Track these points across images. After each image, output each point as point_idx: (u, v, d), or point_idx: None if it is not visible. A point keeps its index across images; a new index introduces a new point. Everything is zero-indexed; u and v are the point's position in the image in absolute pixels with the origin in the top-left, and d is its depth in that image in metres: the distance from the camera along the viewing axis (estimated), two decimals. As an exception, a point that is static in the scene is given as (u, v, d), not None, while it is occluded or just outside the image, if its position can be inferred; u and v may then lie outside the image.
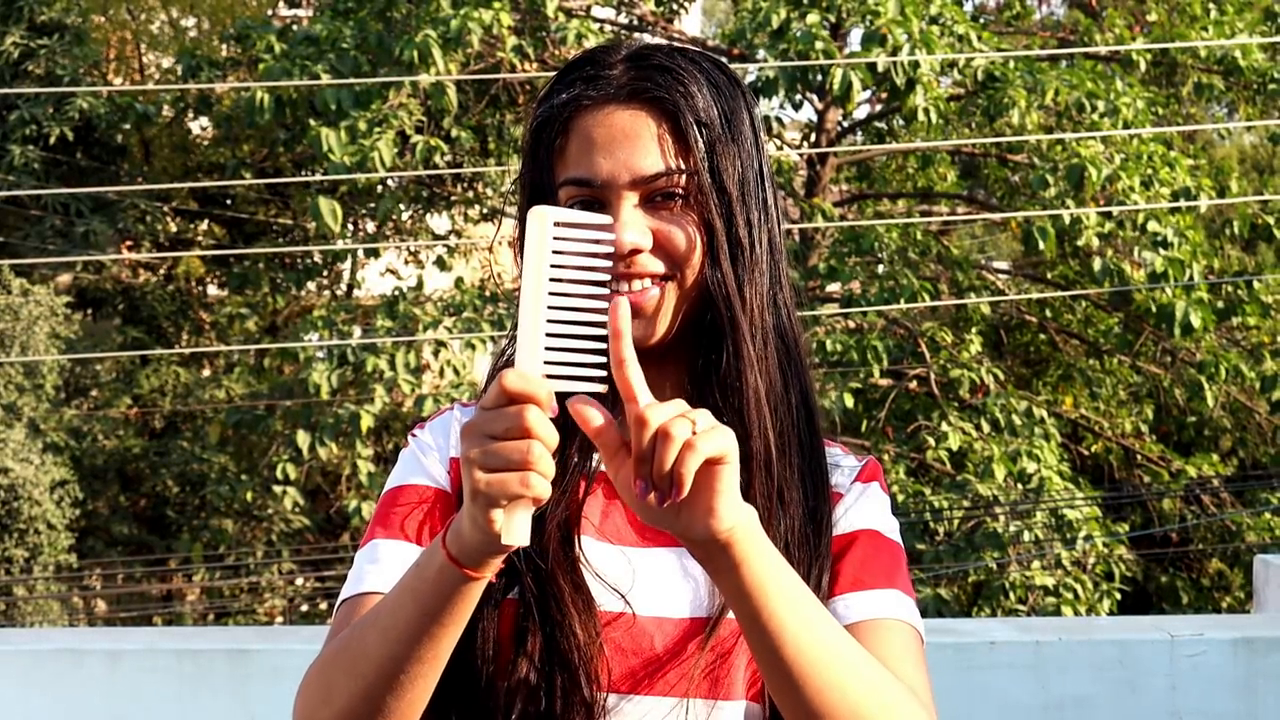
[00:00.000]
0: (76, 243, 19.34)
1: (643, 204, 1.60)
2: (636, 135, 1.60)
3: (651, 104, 1.60)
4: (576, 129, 1.62)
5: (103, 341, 18.95)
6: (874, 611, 1.60)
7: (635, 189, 1.60)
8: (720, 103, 1.63)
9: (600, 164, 1.60)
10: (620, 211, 1.59)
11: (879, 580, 1.63)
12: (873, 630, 1.58)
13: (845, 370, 15.11)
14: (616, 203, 1.59)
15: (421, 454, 1.74)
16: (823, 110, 16.97)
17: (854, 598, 1.61)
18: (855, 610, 1.60)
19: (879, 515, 1.69)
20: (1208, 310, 15.20)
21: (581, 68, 1.64)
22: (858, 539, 1.66)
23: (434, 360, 14.95)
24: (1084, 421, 17.58)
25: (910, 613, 1.63)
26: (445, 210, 18.91)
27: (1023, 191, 16.45)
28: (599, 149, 1.60)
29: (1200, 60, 17.03)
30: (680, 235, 1.60)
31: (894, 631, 1.59)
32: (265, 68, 15.60)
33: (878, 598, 1.62)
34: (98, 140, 20.15)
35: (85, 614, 17.63)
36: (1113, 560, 14.69)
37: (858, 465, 1.73)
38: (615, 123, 1.60)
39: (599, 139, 1.60)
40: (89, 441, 18.26)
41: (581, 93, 1.61)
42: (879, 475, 1.74)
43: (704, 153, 1.60)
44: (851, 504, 1.69)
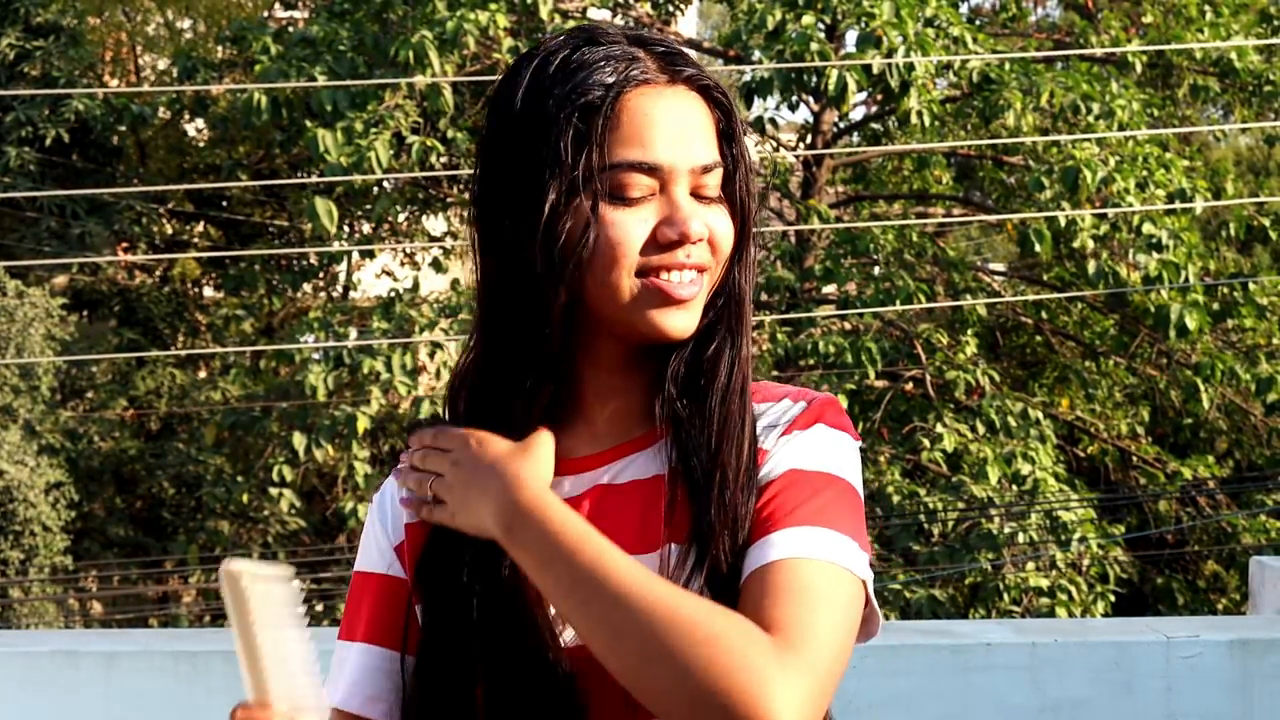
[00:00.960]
0: (72, 244, 19.32)
1: (692, 190, 1.57)
2: (695, 121, 1.56)
3: (703, 91, 1.58)
4: (629, 109, 1.54)
5: (98, 343, 18.93)
6: (780, 553, 1.49)
7: (692, 177, 1.55)
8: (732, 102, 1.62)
9: (662, 147, 1.54)
10: (679, 198, 1.55)
11: (790, 517, 1.52)
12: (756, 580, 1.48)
13: (840, 372, 15.12)
14: (673, 188, 1.55)
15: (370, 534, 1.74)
16: (818, 112, 16.97)
17: (764, 542, 1.51)
18: (761, 554, 1.50)
19: (798, 454, 1.57)
20: (1203, 312, 15.21)
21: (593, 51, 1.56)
22: (773, 484, 1.55)
23: (430, 362, 14.97)
24: (1080, 423, 17.58)
25: (828, 547, 1.49)
26: (441, 212, 18.91)
27: (1018, 193, 16.47)
28: (660, 131, 1.54)
29: (1196, 62, 17.05)
30: (723, 229, 1.57)
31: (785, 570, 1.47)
32: (261, 69, 15.60)
33: (786, 537, 1.50)
34: (93, 142, 20.13)
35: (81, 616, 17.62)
36: (1108, 562, 14.69)
37: (794, 413, 1.62)
38: (676, 105, 1.56)
39: (659, 122, 1.54)
40: (85, 443, 18.24)
41: (628, 72, 1.54)
42: (823, 415, 1.61)
43: (736, 141, 1.59)
44: (774, 453, 1.58)
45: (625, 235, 1.53)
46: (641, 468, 1.61)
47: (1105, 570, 14.61)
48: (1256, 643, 3.91)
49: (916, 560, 14.41)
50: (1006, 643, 3.87)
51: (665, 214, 1.54)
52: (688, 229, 1.53)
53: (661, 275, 1.54)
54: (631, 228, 1.54)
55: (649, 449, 1.61)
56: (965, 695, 3.78)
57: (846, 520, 1.53)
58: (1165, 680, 3.79)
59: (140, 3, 21.79)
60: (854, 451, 1.62)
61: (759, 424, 1.60)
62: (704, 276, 1.56)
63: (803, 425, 1.60)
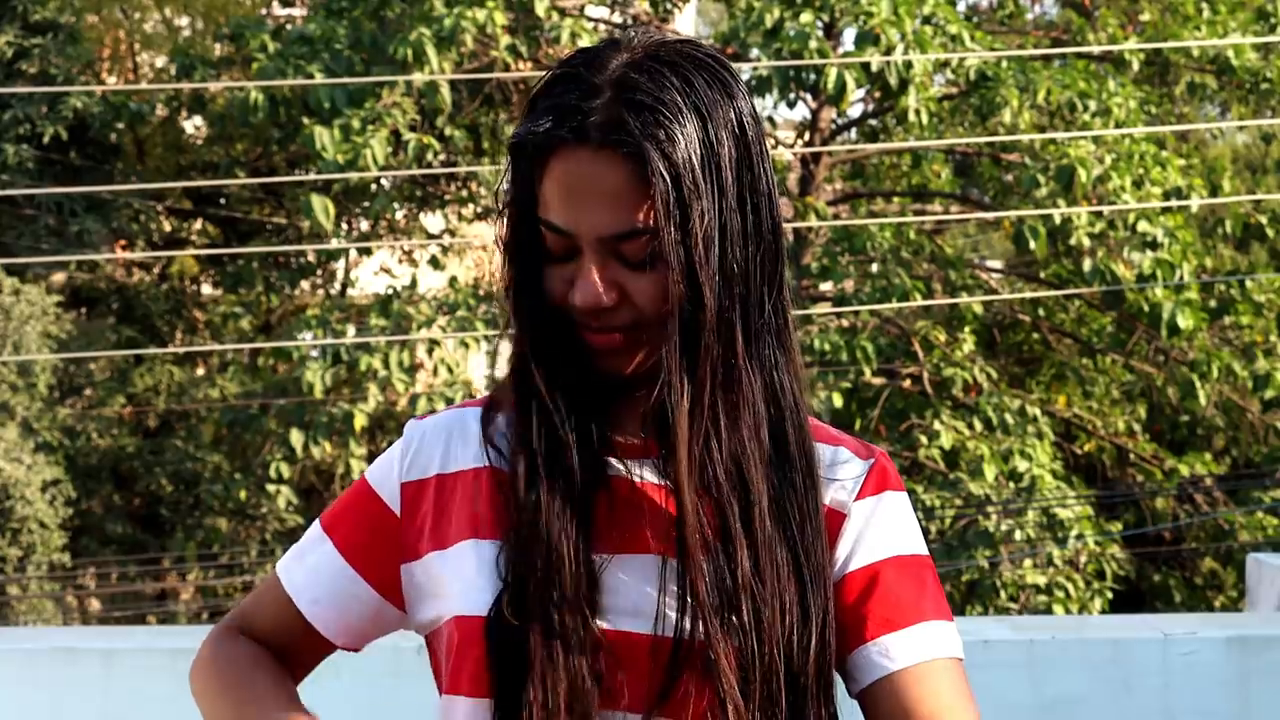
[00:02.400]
0: (70, 242, 19.31)
1: (613, 257, 1.52)
2: (602, 189, 1.50)
3: (624, 155, 1.49)
4: (551, 172, 1.52)
5: (96, 340, 18.92)
6: (916, 655, 1.54)
7: (604, 244, 1.51)
8: (706, 134, 1.52)
9: (569, 215, 1.51)
10: (584, 265, 1.52)
11: (912, 614, 1.57)
12: (918, 679, 1.54)
13: (837, 370, 15.13)
14: (585, 254, 1.52)
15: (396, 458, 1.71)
16: (816, 109, 16.98)
17: (890, 640, 1.56)
18: (895, 657, 1.55)
19: (898, 533, 1.62)
20: (1196, 310, 15.22)
21: (565, 86, 1.54)
22: (880, 572, 1.59)
23: (428, 359, 14.97)
24: (1077, 420, 17.59)
25: (950, 640, 1.58)
26: (439, 209, 18.91)
27: (1015, 191, 16.47)
28: (569, 199, 1.51)
29: (1193, 60, 17.05)
30: (645, 292, 1.52)
31: (940, 675, 1.55)
32: (259, 67, 15.60)
33: (915, 636, 1.56)
34: (91, 139, 20.12)
35: (79, 613, 17.62)
36: (1105, 559, 14.71)
37: (862, 471, 1.63)
38: (585, 173, 1.50)
39: (569, 188, 1.51)
40: (83, 441, 18.24)
41: (555, 132, 1.51)
42: (889, 475, 1.65)
43: (674, 207, 1.49)
44: (862, 528, 1.60)
45: (551, 289, 1.55)
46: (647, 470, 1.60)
47: (1102, 567, 14.63)
48: (1254, 639, 3.91)
49: (914, 557, 14.42)
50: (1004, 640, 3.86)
51: (575, 276, 1.53)
52: (579, 299, 1.52)
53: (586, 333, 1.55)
54: (554, 283, 1.55)
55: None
56: (963, 692, 3.78)
57: (944, 602, 1.62)
58: (1163, 677, 3.79)
59: (138, 1, 21.78)
60: (912, 513, 1.67)
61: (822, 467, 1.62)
62: (634, 332, 1.54)
63: (876, 490, 1.64)
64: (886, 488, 1.63)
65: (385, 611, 1.70)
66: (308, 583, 1.71)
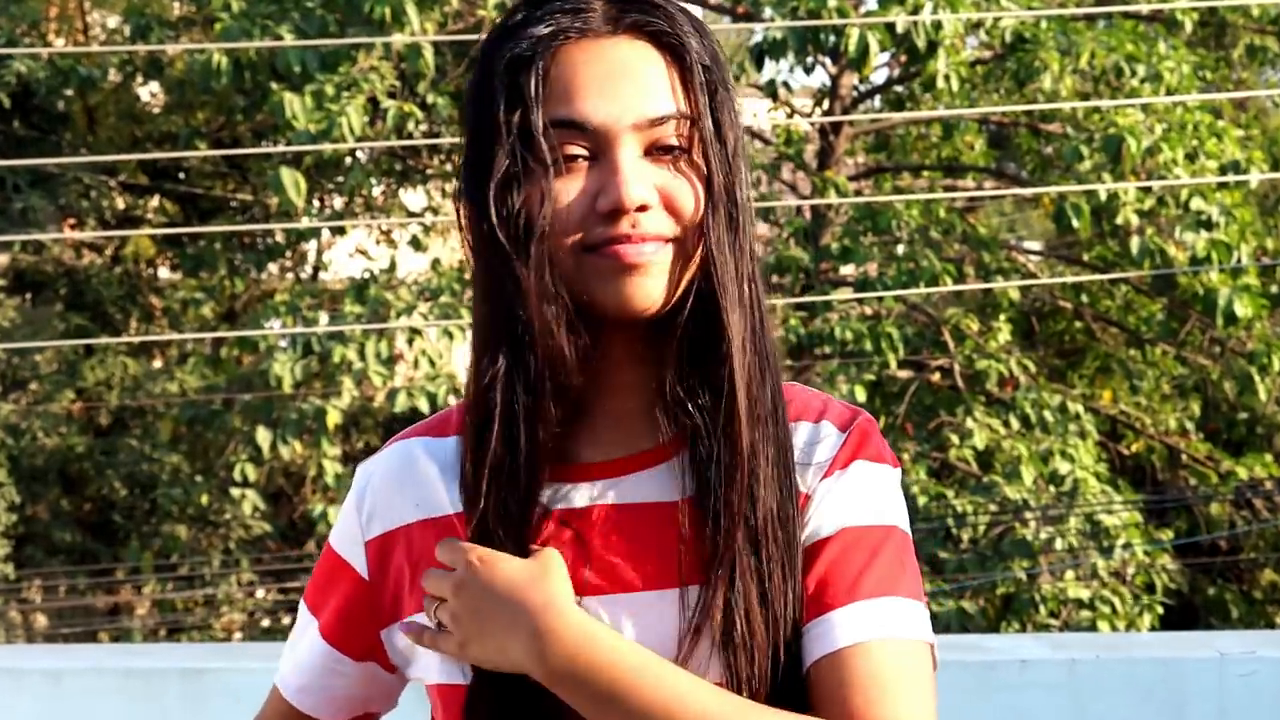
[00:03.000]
0: (14, 220, 19.33)
1: (644, 152, 1.52)
2: (640, 71, 1.52)
3: (653, 38, 1.53)
4: (562, 64, 1.52)
5: (43, 329, 18.94)
6: (855, 635, 1.50)
7: (639, 134, 1.51)
8: (711, 48, 1.56)
9: (597, 104, 1.51)
10: (620, 161, 1.51)
11: (855, 590, 1.53)
12: (835, 667, 1.50)
13: (859, 360, 15.13)
14: (614, 150, 1.51)
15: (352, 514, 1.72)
16: (836, 75, 16.98)
17: (827, 621, 1.52)
18: (828, 638, 1.51)
19: (854, 504, 1.58)
20: (1256, 297, 15.21)
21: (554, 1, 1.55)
22: (828, 547, 1.56)
23: (408, 350, 14.98)
24: (1124, 418, 17.62)
25: (900, 618, 1.52)
26: (421, 185, 18.92)
27: (1056, 164, 16.47)
28: (595, 87, 1.51)
29: (1253, 20, 17.05)
30: (688, 192, 1.53)
31: (881, 656, 1.50)
32: (222, 27, 15.59)
33: (857, 614, 1.52)
34: (37, 107, 20.14)
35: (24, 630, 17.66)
36: (1155, 571, 14.73)
37: (834, 447, 1.61)
38: (614, 56, 1.52)
39: (595, 75, 1.51)
40: (27, 439, 18.26)
41: (567, 24, 1.52)
42: (862, 445, 1.61)
43: (708, 99, 1.53)
44: (819, 503, 1.58)
45: (564, 207, 1.52)
46: (655, 488, 1.59)
47: (1152, 580, 14.64)
48: (1318, 659, 3.92)
49: (944, 569, 14.44)
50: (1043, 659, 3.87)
51: (603, 180, 1.51)
52: (620, 196, 1.50)
53: (619, 247, 1.51)
54: (569, 197, 1.52)
55: (662, 465, 1.59)
56: (997, 717, 3.80)
57: (907, 578, 1.56)
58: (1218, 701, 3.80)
59: (88, -46, 21.80)
60: (896, 484, 1.63)
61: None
62: (667, 246, 1.53)
63: (842, 464, 1.60)
64: (856, 458, 1.60)
65: (380, 677, 1.74)
66: (294, 671, 1.77)
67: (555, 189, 1.51)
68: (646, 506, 1.58)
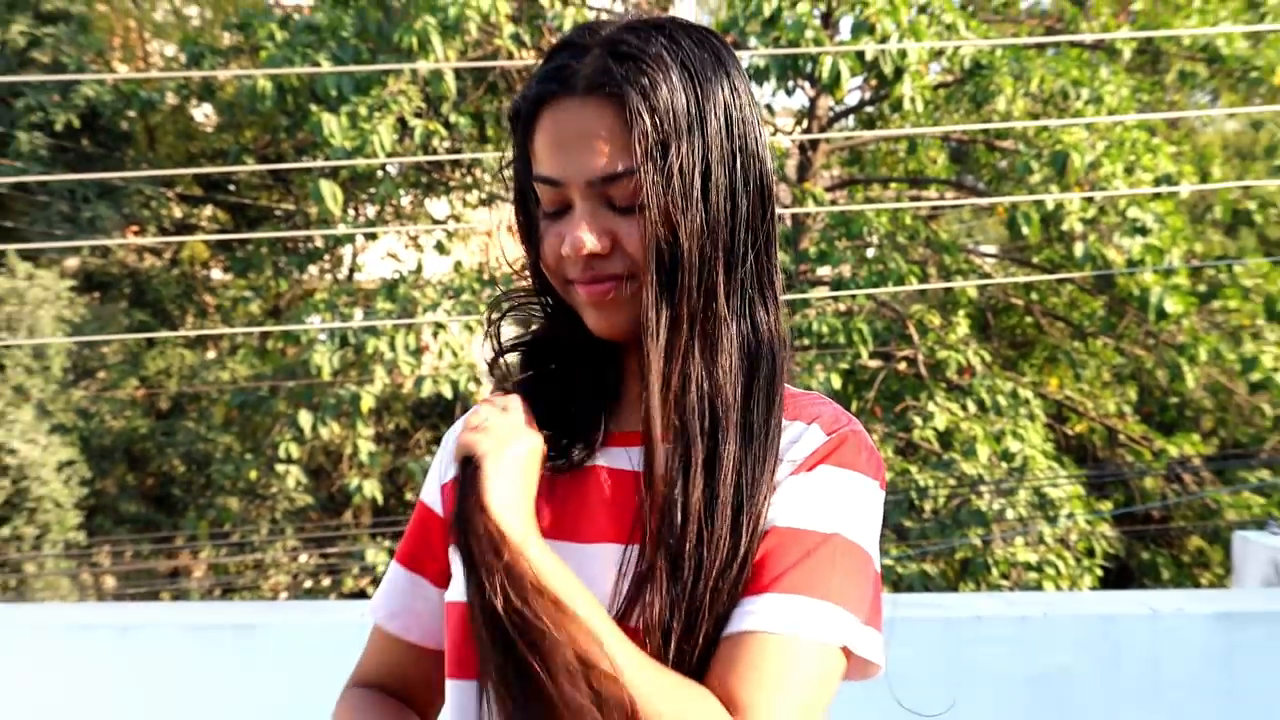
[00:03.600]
0: (83, 228, 19.31)
1: (603, 203, 1.53)
2: (590, 134, 1.52)
3: (609, 99, 1.51)
4: (542, 125, 1.55)
5: (109, 324, 18.92)
6: (752, 623, 1.46)
7: (592, 189, 1.52)
8: (691, 88, 1.53)
9: (558, 164, 1.53)
10: (575, 214, 1.53)
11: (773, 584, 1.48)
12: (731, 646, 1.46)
13: (834, 351, 15.12)
14: (576, 202, 1.53)
15: (436, 465, 1.78)
16: (814, 97, 16.96)
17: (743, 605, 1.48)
18: (737, 621, 1.48)
19: (800, 506, 1.53)
20: (1185, 295, 15.20)
21: (560, 53, 1.57)
22: (769, 535, 1.51)
23: (433, 342, 14.96)
24: (1068, 402, 17.60)
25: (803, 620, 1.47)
26: (444, 195, 18.90)
27: (1009, 177, 16.45)
28: (558, 148, 1.53)
29: (1184, 48, 17.03)
30: (635, 238, 1.52)
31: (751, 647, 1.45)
32: (267, 55, 15.58)
33: (763, 605, 1.47)
34: (103, 127, 20.11)
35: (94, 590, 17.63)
36: (1095, 537, 14.72)
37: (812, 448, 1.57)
38: (572, 120, 1.52)
39: (557, 138, 1.53)
40: (96, 422, 18.25)
41: (546, 88, 1.54)
42: (837, 452, 1.57)
43: (654, 147, 1.50)
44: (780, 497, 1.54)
45: (547, 247, 1.58)
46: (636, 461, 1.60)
47: (1092, 545, 14.64)
48: (1240, 615, 3.92)
49: (908, 536, 14.43)
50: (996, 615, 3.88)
51: (565, 229, 1.55)
52: (570, 245, 1.53)
53: (579, 285, 1.56)
54: (550, 240, 1.57)
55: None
56: (956, 666, 3.80)
57: (834, 584, 1.49)
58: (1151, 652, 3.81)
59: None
60: (864, 495, 1.57)
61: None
62: (628, 282, 1.54)
63: (809, 466, 1.56)
64: (824, 463, 1.56)
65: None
66: (384, 601, 1.79)
67: (544, 232, 1.58)
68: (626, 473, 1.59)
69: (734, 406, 1.54)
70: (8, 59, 19.81)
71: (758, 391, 1.56)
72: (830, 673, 1.48)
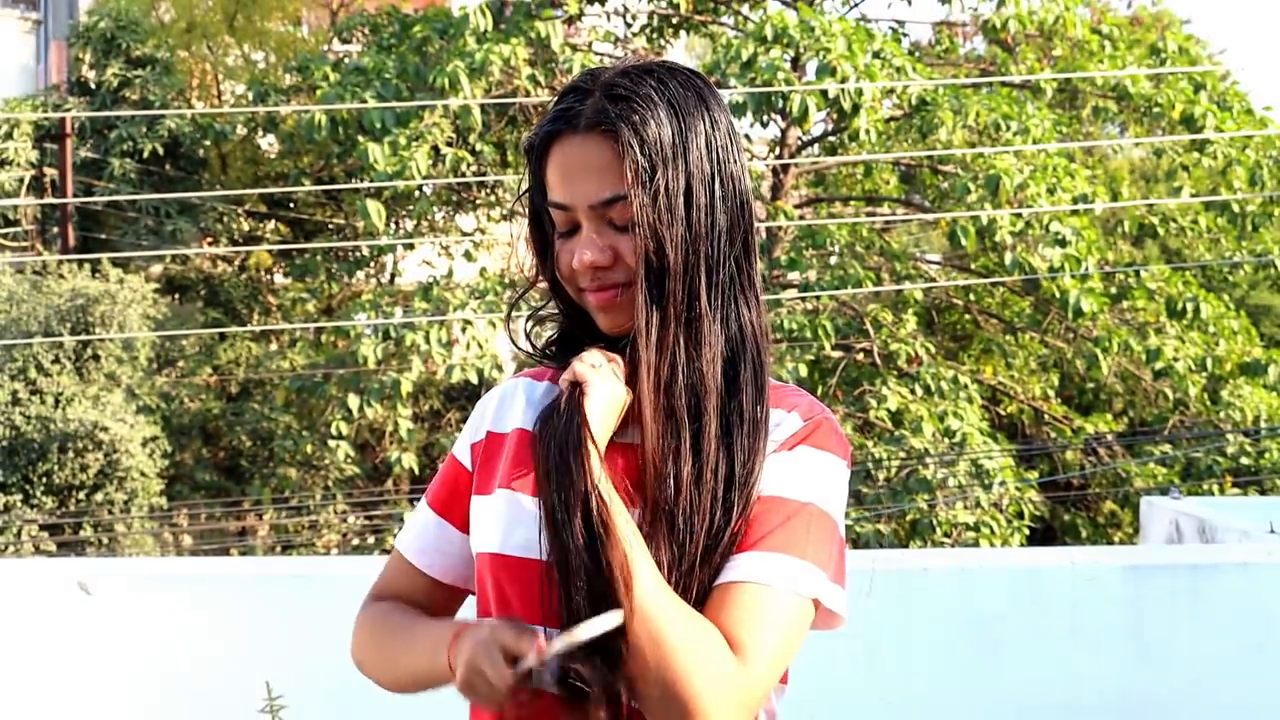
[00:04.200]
0: (165, 239, 19.32)
1: (605, 223, 1.54)
2: (589, 165, 1.53)
3: (605, 134, 1.53)
4: (552, 158, 1.56)
5: (187, 321, 18.92)
6: (740, 574, 1.48)
7: (594, 211, 1.54)
8: (676, 121, 1.54)
9: (567, 191, 1.55)
10: (584, 232, 1.55)
11: (757, 543, 1.50)
12: (724, 592, 1.48)
13: (802, 344, 15.13)
14: (582, 223, 1.55)
15: (469, 426, 1.74)
16: (785, 129, 16.95)
17: (732, 561, 1.50)
18: (727, 574, 1.49)
19: (789, 479, 1.54)
20: (1099, 296, 15.21)
21: (566, 96, 1.58)
22: (757, 504, 1.52)
23: (462, 336, 14.95)
24: (1001, 387, 17.61)
25: (782, 574, 1.48)
26: (471, 211, 18.89)
27: (950, 196, 16.45)
28: (565, 177, 1.55)
29: (1097, 88, 17.02)
30: (631, 252, 1.53)
31: (741, 594, 1.47)
32: (322, 93, 15.56)
33: (749, 560, 1.49)
34: (183, 154, 20.11)
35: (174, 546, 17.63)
36: (1023, 502, 14.73)
37: (791, 431, 1.58)
38: (576, 153, 1.54)
39: (564, 168, 1.55)
40: (176, 404, 18.25)
41: (555, 126, 1.56)
42: (815, 435, 1.58)
43: (642, 174, 1.51)
44: (769, 468, 1.55)
45: (561, 261, 1.58)
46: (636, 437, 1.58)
47: (1021, 509, 14.65)
48: (1146, 568, 3.93)
49: (865, 501, 14.44)
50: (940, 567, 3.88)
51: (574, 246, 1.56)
52: (576, 259, 1.55)
53: (588, 293, 1.58)
54: (563, 256, 1.58)
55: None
56: (906, 611, 3.80)
57: (810, 545, 1.51)
58: (1071, 598, 3.81)
59: (221, 39, 21.72)
60: (834, 472, 1.57)
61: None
62: (625, 289, 1.55)
63: (789, 446, 1.56)
64: (803, 444, 1.57)
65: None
66: (413, 538, 1.76)
67: (558, 248, 1.59)
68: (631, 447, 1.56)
69: (716, 392, 1.54)
70: (103, 97, 19.79)
71: (744, 380, 1.56)
72: (803, 620, 1.51)
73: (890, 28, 18.18)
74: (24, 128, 19.47)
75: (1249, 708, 3.77)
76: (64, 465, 15.79)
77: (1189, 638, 3.79)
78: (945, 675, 3.77)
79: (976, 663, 3.78)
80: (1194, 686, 3.78)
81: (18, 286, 16.92)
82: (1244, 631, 3.82)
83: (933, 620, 3.80)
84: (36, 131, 19.77)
